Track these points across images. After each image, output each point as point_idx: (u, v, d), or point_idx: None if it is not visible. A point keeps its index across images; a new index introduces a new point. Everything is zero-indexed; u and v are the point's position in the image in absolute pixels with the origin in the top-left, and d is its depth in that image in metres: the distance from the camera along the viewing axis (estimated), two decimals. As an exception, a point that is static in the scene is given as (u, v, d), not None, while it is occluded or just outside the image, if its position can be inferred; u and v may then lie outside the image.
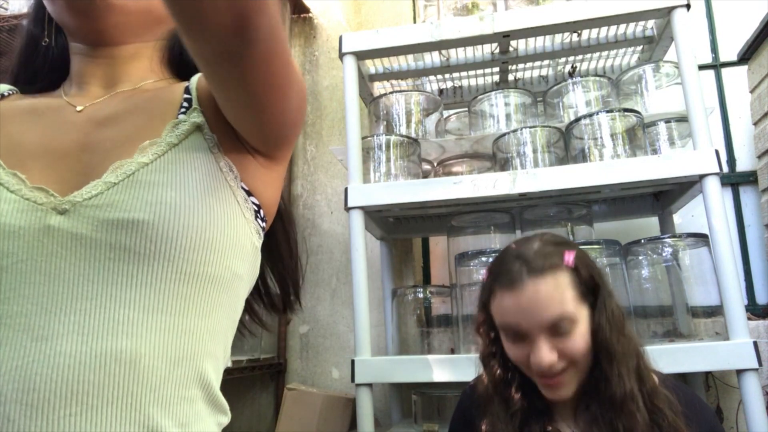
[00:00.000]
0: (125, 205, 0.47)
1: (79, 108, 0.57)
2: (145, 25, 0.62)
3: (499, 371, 0.91)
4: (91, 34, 0.60)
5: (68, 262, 0.46)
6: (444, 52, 1.74)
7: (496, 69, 1.83)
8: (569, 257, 0.87)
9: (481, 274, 1.50)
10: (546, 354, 0.83)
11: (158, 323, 0.47)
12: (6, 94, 0.62)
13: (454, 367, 1.34)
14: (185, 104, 0.57)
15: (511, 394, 0.90)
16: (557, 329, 0.84)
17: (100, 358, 0.44)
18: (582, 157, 1.47)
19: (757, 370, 1.20)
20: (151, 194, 0.48)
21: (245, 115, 0.53)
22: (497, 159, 1.59)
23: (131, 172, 0.49)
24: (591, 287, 0.88)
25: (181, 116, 0.55)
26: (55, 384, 0.42)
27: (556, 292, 0.84)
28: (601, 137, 1.45)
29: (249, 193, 0.56)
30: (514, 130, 1.53)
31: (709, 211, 1.28)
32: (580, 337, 0.85)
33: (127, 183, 0.49)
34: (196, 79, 0.61)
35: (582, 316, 0.85)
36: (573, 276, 0.86)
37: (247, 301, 0.63)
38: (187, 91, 0.59)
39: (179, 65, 0.65)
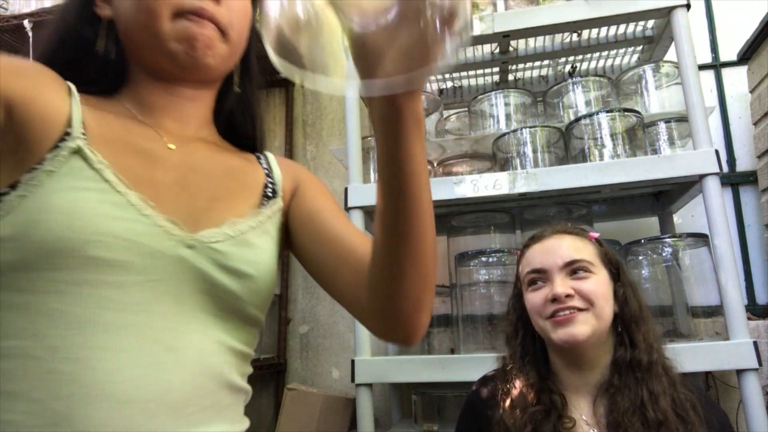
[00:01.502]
0: (238, 257, 0.59)
1: (171, 146, 0.64)
2: (223, 75, 0.70)
3: (519, 348, 0.99)
4: (181, 81, 0.66)
5: (192, 290, 0.56)
6: (444, 52, 1.74)
7: (496, 69, 1.83)
8: (594, 234, 1.01)
9: (481, 273, 1.50)
10: (561, 283, 0.92)
11: (232, 350, 0.60)
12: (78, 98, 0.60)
13: (454, 367, 1.34)
14: (270, 190, 0.69)
15: (529, 368, 0.96)
16: (575, 270, 0.94)
17: (208, 371, 0.56)
18: (582, 157, 1.47)
19: (757, 370, 1.20)
20: (255, 254, 0.61)
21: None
22: (497, 159, 1.59)
23: (243, 231, 0.61)
24: (612, 262, 0.98)
25: (271, 200, 0.68)
26: (188, 387, 0.54)
27: (578, 243, 0.97)
28: (601, 137, 1.45)
29: None
30: (514, 130, 1.53)
31: (709, 211, 1.28)
32: (596, 282, 0.93)
33: (240, 239, 0.60)
34: (276, 170, 0.73)
35: (601, 272, 0.95)
36: (596, 246, 0.99)
37: None
38: (268, 175, 0.71)
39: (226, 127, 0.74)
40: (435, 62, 0.39)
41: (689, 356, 1.23)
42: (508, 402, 0.92)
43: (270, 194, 0.69)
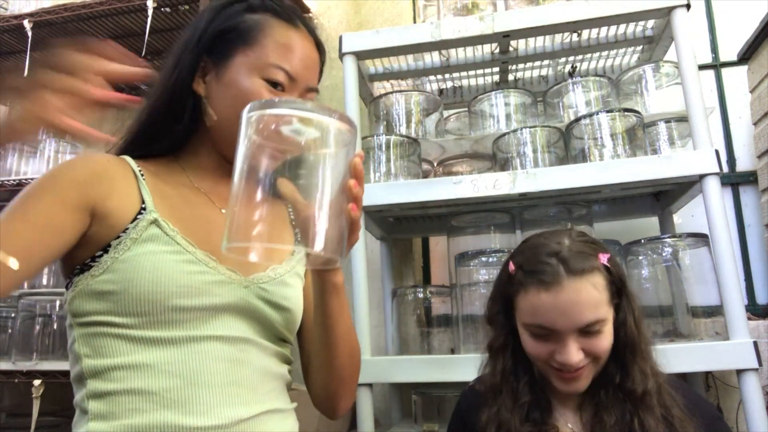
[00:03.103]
0: (278, 294, 0.79)
1: (224, 211, 0.81)
2: None
3: (510, 363, 0.92)
4: None
5: (248, 318, 0.76)
6: (444, 52, 1.74)
7: (496, 69, 1.83)
8: (604, 258, 0.87)
9: (481, 273, 1.50)
10: (575, 353, 0.84)
11: (277, 354, 0.81)
12: (140, 174, 0.78)
13: (454, 367, 1.34)
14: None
15: (519, 386, 0.90)
16: (588, 330, 0.84)
17: (265, 369, 0.78)
18: (582, 157, 1.47)
19: (757, 370, 1.20)
20: (289, 292, 0.81)
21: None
22: (497, 159, 1.59)
23: (282, 274, 0.80)
24: (618, 287, 0.88)
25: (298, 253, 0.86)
26: (256, 377, 0.76)
27: (595, 294, 0.84)
28: (601, 137, 1.45)
29: None
30: (514, 130, 1.53)
31: (709, 211, 1.28)
32: (607, 336, 0.86)
33: (279, 281, 0.80)
34: None
35: (610, 316, 0.87)
36: (606, 277, 0.86)
37: None
38: None
39: None
40: (341, 256, 0.62)
41: (689, 356, 1.23)
42: (496, 423, 0.89)
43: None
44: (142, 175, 0.77)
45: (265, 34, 0.78)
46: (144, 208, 0.74)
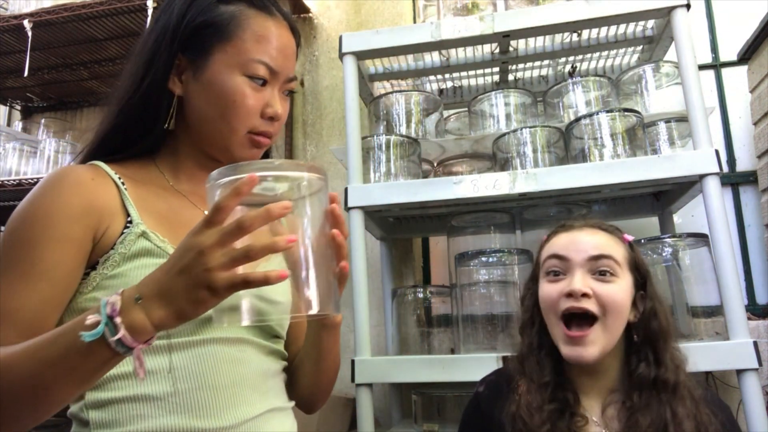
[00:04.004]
0: (270, 289, 0.69)
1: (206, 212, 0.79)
2: None
3: (536, 338, 0.95)
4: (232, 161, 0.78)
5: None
6: (444, 52, 1.74)
7: (496, 69, 1.83)
8: (628, 237, 0.95)
9: (481, 273, 1.50)
10: (581, 280, 0.88)
11: (273, 352, 0.82)
12: (121, 183, 0.75)
13: (454, 367, 1.34)
14: None
15: (543, 360, 0.92)
16: (599, 268, 0.88)
17: (263, 367, 0.78)
18: (582, 157, 1.47)
19: (757, 370, 1.20)
20: (281, 285, 0.71)
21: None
22: (497, 159, 1.59)
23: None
24: (641, 271, 0.93)
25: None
26: (256, 375, 0.76)
27: (609, 242, 0.91)
28: (601, 137, 1.45)
29: None
30: (514, 130, 1.53)
31: (709, 211, 1.28)
32: (618, 288, 0.88)
33: None
34: None
35: (625, 277, 0.90)
36: (627, 249, 0.93)
37: None
38: None
39: None
40: (336, 309, 0.64)
41: (689, 356, 1.22)
42: (523, 399, 0.89)
43: None
44: (123, 184, 0.75)
45: (242, 27, 0.75)
46: (130, 221, 0.72)
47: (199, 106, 0.77)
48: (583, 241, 0.90)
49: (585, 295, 0.87)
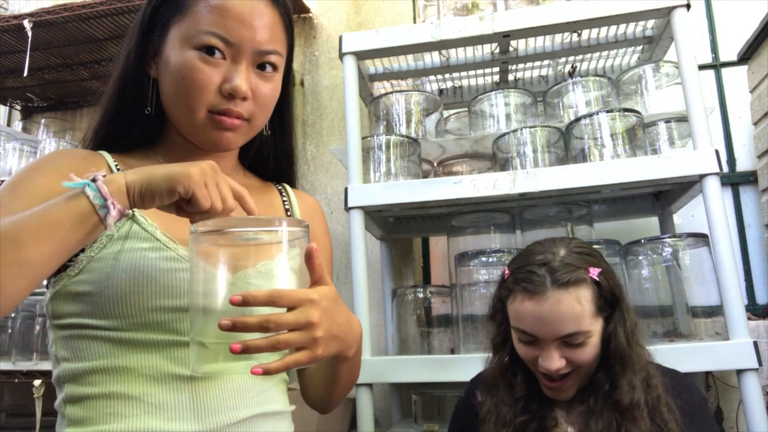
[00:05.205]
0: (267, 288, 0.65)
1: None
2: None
3: (507, 358, 0.95)
4: (214, 151, 0.78)
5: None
6: (444, 52, 1.74)
7: (496, 69, 1.83)
8: (594, 272, 0.88)
9: (481, 273, 1.50)
10: (555, 361, 0.87)
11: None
12: (116, 167, 0.74)
13: (454, 367, 1.34)
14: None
15: (516, 382, 0.94)
16: (570, 341, 0.87)
17: (253, 378, 0.74)
18: (582, 157, 1.47)
19: (757, 370, 1.20)
20: (279, 285, 0.66)
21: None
22: (497, 159, 1.59)
23: (271, 269, 0.68)
24: (610, 301, 0.89)
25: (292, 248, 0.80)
26: (245, 385, 0.73)
27: (576, 308, 0.86)
28: (601, 137, 1.45)
29: None
30: (514, 130, 1.53)
31: (709, 211, 1.28)
32: (590, 348, 0.88)
33: (268, 275, 0.67)
34: (295, 202, 0.90)
35: (596, 329, 0.88)
36: (595, 290, 0.88)
37: None
38: (286, 208, 0.89)
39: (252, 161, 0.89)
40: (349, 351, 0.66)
41: (689, 356, 1.23)
42: (494, 415, 0.92)
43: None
44: (119, 169, 0.73)
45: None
46: None
47: (164, 87, 0.74)
48: (551, 320, 0.86)
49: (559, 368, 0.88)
